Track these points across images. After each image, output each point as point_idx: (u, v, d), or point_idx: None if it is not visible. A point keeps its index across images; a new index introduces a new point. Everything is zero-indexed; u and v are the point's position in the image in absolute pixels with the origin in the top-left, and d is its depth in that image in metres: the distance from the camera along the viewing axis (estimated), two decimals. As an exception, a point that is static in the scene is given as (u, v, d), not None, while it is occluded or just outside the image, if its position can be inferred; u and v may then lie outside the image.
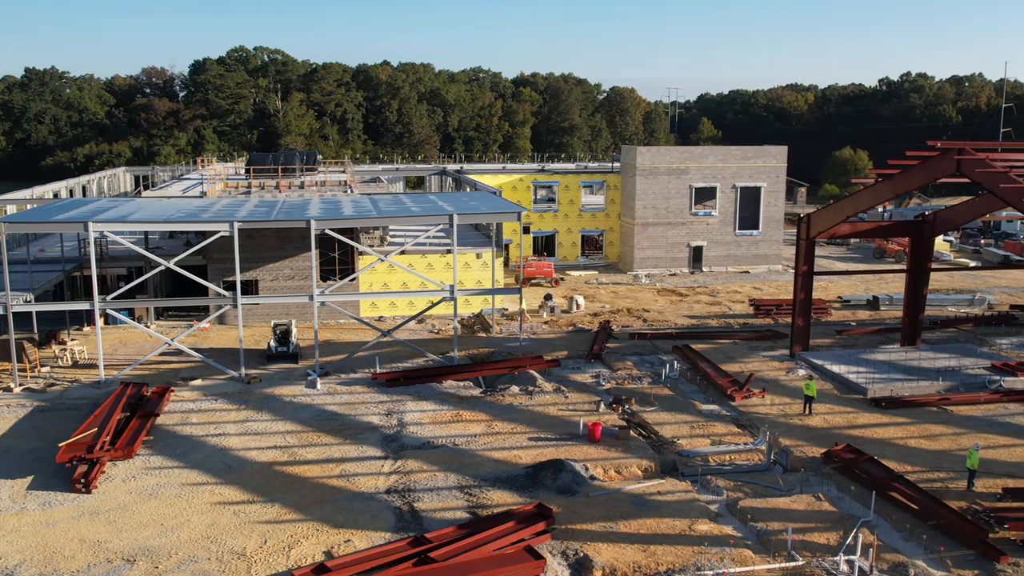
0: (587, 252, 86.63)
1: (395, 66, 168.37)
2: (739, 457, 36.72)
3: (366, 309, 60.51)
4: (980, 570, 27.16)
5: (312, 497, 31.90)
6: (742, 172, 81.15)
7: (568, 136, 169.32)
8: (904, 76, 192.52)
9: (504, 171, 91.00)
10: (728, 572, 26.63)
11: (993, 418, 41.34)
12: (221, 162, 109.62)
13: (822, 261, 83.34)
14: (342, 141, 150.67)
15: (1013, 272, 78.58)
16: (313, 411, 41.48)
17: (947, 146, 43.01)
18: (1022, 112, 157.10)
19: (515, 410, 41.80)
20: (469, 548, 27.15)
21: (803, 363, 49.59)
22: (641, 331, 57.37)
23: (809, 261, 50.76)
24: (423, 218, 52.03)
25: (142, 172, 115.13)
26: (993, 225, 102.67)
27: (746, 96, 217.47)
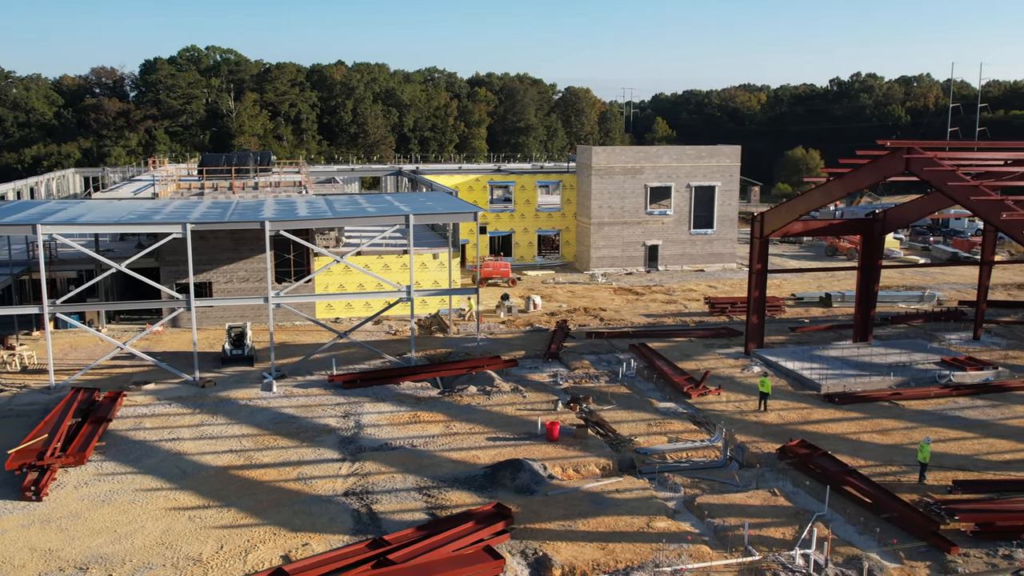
0: (544, 252, 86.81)
1: (350, 66, 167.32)
2: (696, 454, 37.03)
3: (322, 311, 60.09)
4: (932, 561, 27.65)
5: (269, 501, 31.61)
6: (696, 171, 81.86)
7: (524, 136, 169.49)
8: (854, 76, 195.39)
9: (460, 171, 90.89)
10: (686, 568, 26.83)
11: (943, 412, 42.11)
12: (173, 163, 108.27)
13: (776, 259, 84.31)
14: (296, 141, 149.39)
15: (961, 269, 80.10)
16: (269, 414, 41.10)
17: (896, 145, 43.70)
18: (969, 112, 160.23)
19: (473, 410, 41.76)
20: (428, 549, 27.06)
21: (758, 360, 50.13)
22: (598, 330, 57.63)
23: (763, 259, 51.32)
24: (379, 219, 51.76)
25: (92, 173, 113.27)
26: (942, 223, 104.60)
27: (700, 96, 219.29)
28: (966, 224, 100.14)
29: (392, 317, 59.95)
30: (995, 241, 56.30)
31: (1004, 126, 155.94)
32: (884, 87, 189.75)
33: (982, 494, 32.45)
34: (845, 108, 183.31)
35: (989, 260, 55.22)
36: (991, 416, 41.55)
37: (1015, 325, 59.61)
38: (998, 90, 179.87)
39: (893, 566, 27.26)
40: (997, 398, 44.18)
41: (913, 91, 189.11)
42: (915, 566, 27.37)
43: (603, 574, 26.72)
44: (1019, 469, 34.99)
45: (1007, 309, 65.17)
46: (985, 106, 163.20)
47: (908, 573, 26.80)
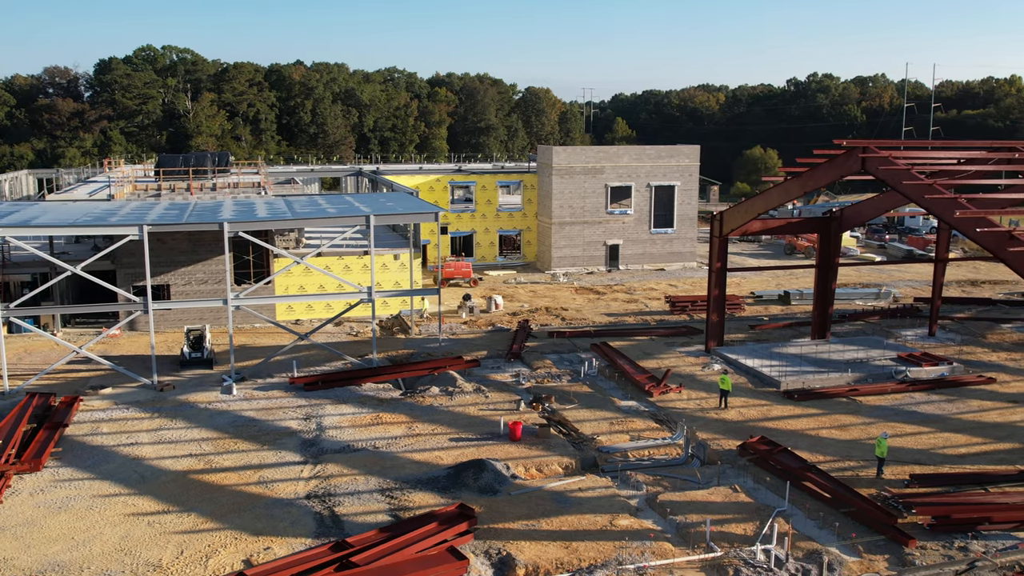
0: (505, 252, 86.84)
1: (308, 66, 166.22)
2: (658, 452, 37.23)
3: (282, 312, 59.63)
4: (890, 554, 28.04)
5: (230, 505, 31.30)
6: (656, 171, 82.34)
7: (484, 136, 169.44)
8: (811, 77, 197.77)
9: (421, 171, 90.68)
10: (649, 565, 26.97)
11: (900, 407, 42.74)
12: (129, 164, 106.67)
13: (735, 258, 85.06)
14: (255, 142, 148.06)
15: (916, 266, 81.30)
16: (229, 417, 40.69)
17: (852, 145, 44.24)
18: (923, 111, 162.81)
19: (436, 411, 41.67)
20: (391, 551, 26.95)
21: (718, 358, 50.53)
22: (560, 329, 57.77)
23: (722, 258, 51.73)
24: (339, 219, 51.45)
25: (46, 175, 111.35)
26: (897, 221, 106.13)
27: (659, 96, 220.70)
28: (921, 222, 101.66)
29: (353, 318, 59.64)
30: (949, 239, 57.29)
31: (957, 126, 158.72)
32: (840, 87, 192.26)
33: (938, 487, 32.99)
34: (802, 108, 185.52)
35: (943, 257, 56.15)
36: (946, 411, 42.24)
37: (969, 321, 60.65)
38: (951, 90, 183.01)
39: (852, 559, 27.61)
40: (952, 393, 44.93)
41: (868, 91, 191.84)
42: (874, 559, 27.75)
43: (567, 573, 26.78)
44: (974, 462, 35.62)
45: (961, 305, 66.29)
46: (938, 106, 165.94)
47: (867, 566, 27.16)
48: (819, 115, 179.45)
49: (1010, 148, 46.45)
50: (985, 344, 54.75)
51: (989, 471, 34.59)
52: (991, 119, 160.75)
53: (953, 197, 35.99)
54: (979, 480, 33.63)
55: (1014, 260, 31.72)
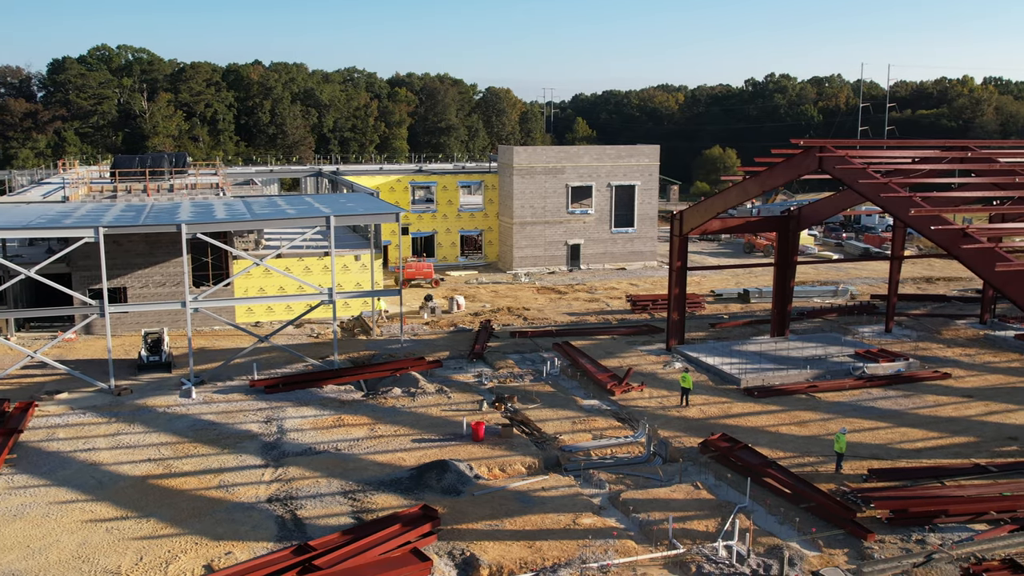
0: (467, 252, 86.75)
1: (267, 66, 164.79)
2: (620, 450, 37.41)
3: (242, 315, 59.06)
4: (849, 548, 28.40)
5: (190, 510, 30.94)
6: (617, 171, 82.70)
7: (445, 136, 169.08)
8: (768, 77, 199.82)
9: (381, 172, 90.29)
10: (612, 563, 27.07)
11: (858, 403, 43.31)
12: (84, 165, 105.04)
13: (695, 256, 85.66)
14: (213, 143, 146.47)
15: (873, 264, 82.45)
16: (189, 421, 40.23)
17: (809, 144, 44.72)
18: (878, 111, 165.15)
19: (398, 412, 41.52)
20: (354, 554, 26.81)
21: (679, 356, 50.86)
22: (522, 329, 57.83)
23: (683, 257, 52.08)
24: (299, 220, 51.07)
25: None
26: (854, 219, 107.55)
27: (619, 96, 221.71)
28: (877, 220, 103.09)
29: (314, 320, 59.24)
30: (904, 237, 58.14)
31: (912, 125, 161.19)
32: (797, 87, 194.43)
33: (896, 482, 33.47)
34: (760, 108, 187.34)
35: (899, 255, 56.98)
36: (903, 406, 42.88)
37: (924, 317, 61.62)
38: (905, 90, 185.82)
39: (813, 554, 27.92)
40: (908, 388, 45.62)
41: (825, 91, 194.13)
42: (834, 553, 28.08)
43: (531, 572, 26.81)
44: (930, 456, 36.19)
45: (917, 302, 67.33)
46: (893, 106, 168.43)
47: (827, 560, 27.47)
48: (777, 115, 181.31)
49: (963, 147, 47.24)
50: (940, 340, 55.65)
51: (945, 465, 35.17)
52: (944, 119, 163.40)
53: (908, 196, 36.50)
54: (935, 474, 34.19)
55: (967, 257, 32.24)
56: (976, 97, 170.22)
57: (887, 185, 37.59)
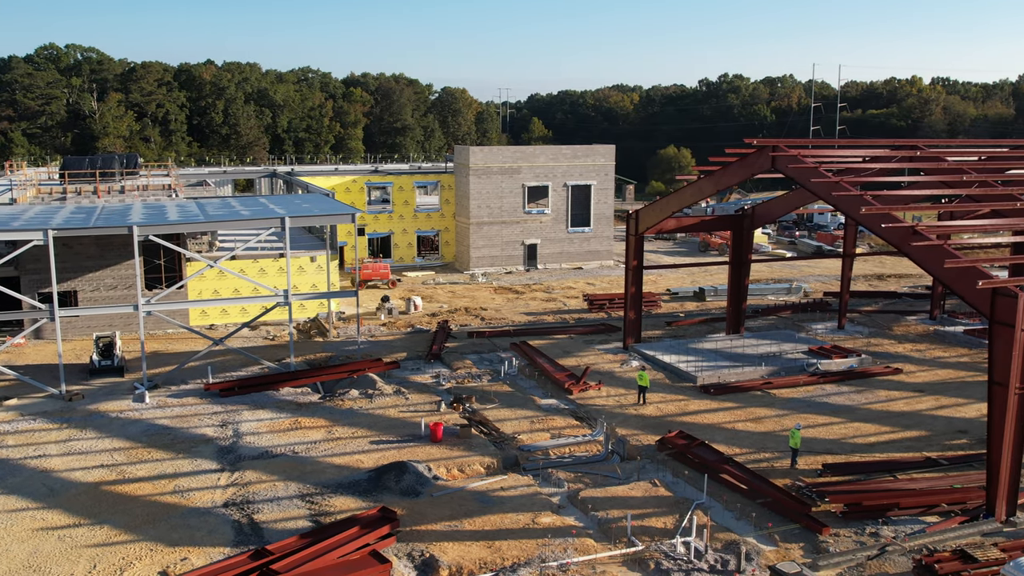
0: (423, 252, 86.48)
1: (219, 65, 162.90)
2: (578, 449, 37.52)
3: (196, 317, 58.32)
4: (805, 542, 28.78)
5: (144, 516, 30.50)
6: (573, 171, 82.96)
7: (401, 136, 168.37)
8: (722, 77, 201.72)
9: (337, 172, 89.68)
10: (571, 562, 27.16)
11: (812, 399, 43.88)
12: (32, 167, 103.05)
13: (651, 256, 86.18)
14: (165, 143, 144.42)
15: (826, 261, 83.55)
16: (142, 426, 39.66)
17: (762, 144, 45.20)
18: (830, 111, 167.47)
19: (355, 414, 41.29)
20: (313, 557, 26.61)
21: (636, 354, 51.16)
22: (479, 329, 57.79)
23: (639, 256, 52.39)
24: (253, 222, 50.56)
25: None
26: (807, 217, 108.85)
27: (574, 96, 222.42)
28: (829, 219, 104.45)
29: (270, 322, 58.69)
30: (856, 234, 59.02)
31: (862, 124, 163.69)
32: (750, 87, 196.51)
33: (849, 476, 33.97)
34: (714, 108, 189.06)
35: (851, 253, 57.82)
36: (856, 401, 43.53)
37: (876, 314, 62.60)
38: (856, 90, 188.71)
39: (769, 549, 28.24)
40: (861, 384, 46.32)
41: (777, 91, 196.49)
42: (790, 548, 28.43)
43: (490, 572, 26.81)
44: (883, 450, 36.79)
45: (868, 299, 68.38)
46: (844, 106, 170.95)
47: (783, 555, 27.80)
48: (730, 115, 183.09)
49: (912, 146, 48.04)
50: (891, 336, 56.58)
51: (897, 459, 35.79)
52: (894, 118, 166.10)
53: (859, 194, 37.02)
54: (888, 468, 34.77)
55: (917, 254, 32.78)
56: (924, 97, 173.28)
57: (839, 184, 38.11)
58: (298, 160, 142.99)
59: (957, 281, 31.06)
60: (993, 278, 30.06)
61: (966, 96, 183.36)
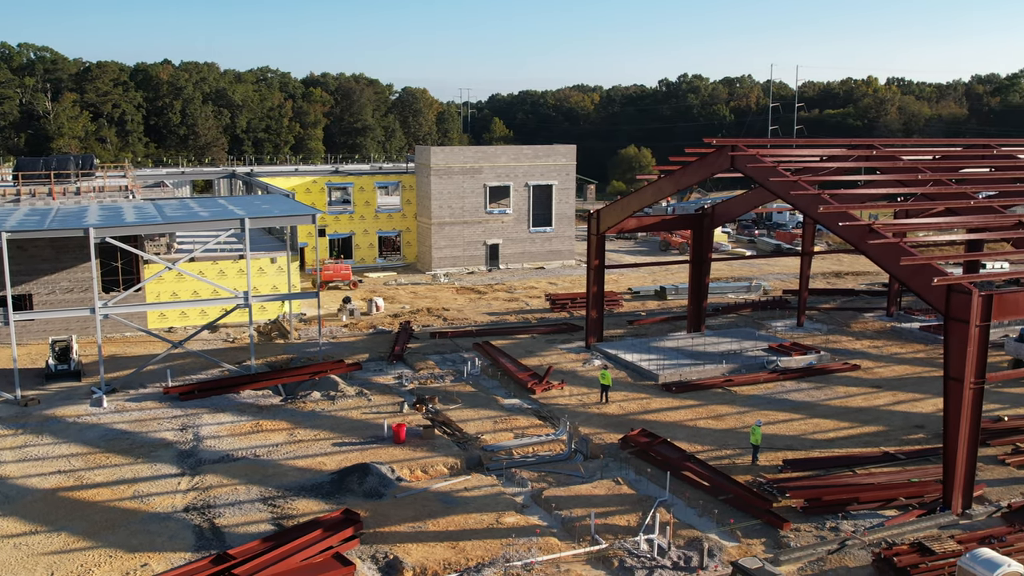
0: (385, 253, 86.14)
1: (176, 65, 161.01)
2: (541, 448, 37.59)
3: (155, 320, 57.63)
4: (766, 537, 29.08)
5: (103, 522, 30.09)
6: (534, 171, 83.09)
7: (361, 137, 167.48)
8: (681, 77, 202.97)
9: (297, 173, 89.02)
10: (536, 561, 27.21)
11: (772, 396, 44.33)
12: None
13: (612, 255, 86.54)
14: (121, 144, 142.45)
15: (784, 259, 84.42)
16: (100, 431, 39.11)
17: (722, 143, 45.57)
18: (788, 111, 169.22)
19: (318, 416, 41.04)
20: (275, 561, 26.42)
21: (598, 353, 51.35)
22: (442, 330, 57.69)
23: (600, 255, 52.60)
24: (213, 223, 50.06)
25: None
26: (766, 216, 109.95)
27: (535, 96, 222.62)
28: (788, 217, 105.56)
29: (230, 324, 58.14)
30: (814, 233, 59.72)
31: (819, 124, 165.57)
32: (709, 88, 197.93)
33: (809, 471, 34.37)
34: (673, 108, 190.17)
35: (809, 251, 58.51)
36: (815, 397, 44.05)
37: (834, 311, 63.37)
38: (813, 91, 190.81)
39: (731, 545, 28.50)
40: (820, 380, 46.88)
41: (736, 91, 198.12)
42: (751, 543, 28.71)
43: (455, 573, 26.78)
44: (842, 446, 37.26)
45: (826, 296, 69.21)
46: (802, 106, 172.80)
47: (745, 550, 28.06)
48: (690, 115, 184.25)
49: (868, 146, 48.70)
50: (849, 333, 57.32)
51: (856, 454, 36.26)
52: (850, 118, 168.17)
53: (817, 193, 37.45)
54: (847, 463, 35.22)
55: (874, 252, 33.23)
56: (880, 97, 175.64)
57: (797, 183, 38.52)
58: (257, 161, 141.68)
59: (913, 278, 31.53)
60: (948, 275, 30.56)
61: (920, 96, 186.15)
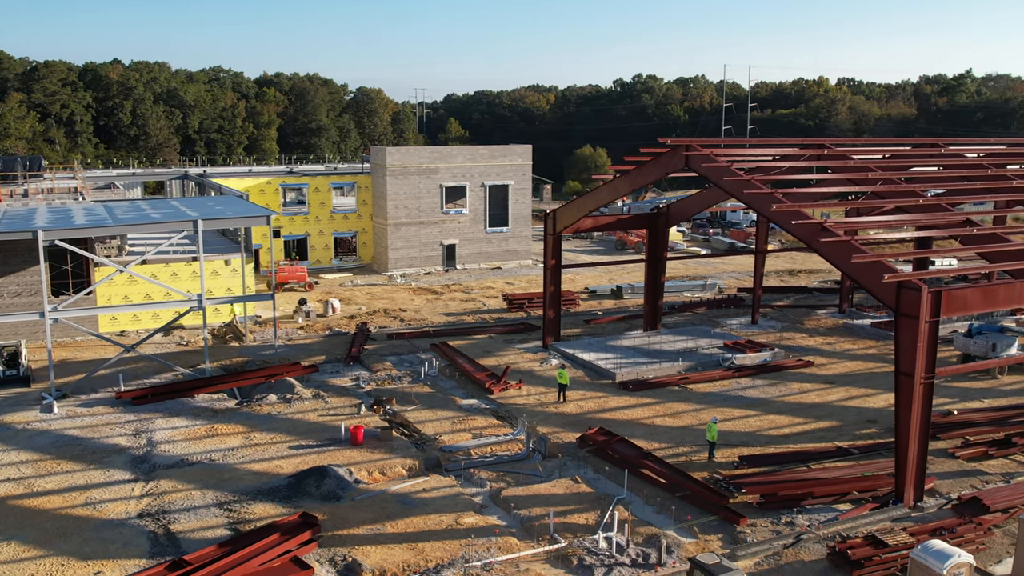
0: (341, 254, 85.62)
1: (127, 65, 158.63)
2: (500, 448, 37.61)
3: (106, 324, 56.72)
4: (723, 533, 29.36)
5: (55, 530, 29.56)
6: (490, 171, 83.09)
7: (316, 137, 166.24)
8: (636, 78, 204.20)
9: (251, 174, 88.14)
10: (495, 561, 27.22)
11: (728, 393, 44.77)
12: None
13: (569, 254, 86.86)
14: (71, 145, 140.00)
15: (739, 258, 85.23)
16: (51, 437, 38.41)
17: (676, 143, 45.92)
18: (741, 111, 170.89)
19: (274, 419, 40.68)
20: (232, 566, 26.15)
21: (555, 353, 51.49)
22: (399, 331, 57.47)
23: (556, 255, 52.76)
24: (165, 225, 49.40)
25: None
26: (720, 215, 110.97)
27: (491, 96, 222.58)
28: (742, 216, 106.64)
29: (185, 327, 57.39)
30: (768, 231, 60.41)
31: (772, 124, 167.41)
32: (664, 88, 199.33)
33: (765, 467, 34.75)
34: (628, 108, 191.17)
35: (763, 249, 59.18)
36: (770, 394, 44.56)
37: (788, 309, 64.15)
38: (765, 91, 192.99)
39: (689, 541, 28.73)
40: (775, 377, 47.43)
41: (690, 92, 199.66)
42: (709, 539, 28.96)
43: (414, 574, 26.70)
44: (797, 441, 37.73)
45: (780, 294, 70.04)
46: (755, 106, 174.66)
47: (702, 546, 28.30)
48: (645, 115, 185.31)
49: (819, 145, 49.35)
50: (803, 329, 58.06)
51: (810, 449, 36.74)
52: (802, 118, 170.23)
53: (770, 192, 37.88)
54: (801, 458, 35.67)
55: (826, 250, 33.71)
56: (831, 97, 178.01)
57: (750, 182, 38.92)
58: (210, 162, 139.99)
59: (864, 275, 32.03)
60: (898, 272, 31.09)
61: (870, 96, 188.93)
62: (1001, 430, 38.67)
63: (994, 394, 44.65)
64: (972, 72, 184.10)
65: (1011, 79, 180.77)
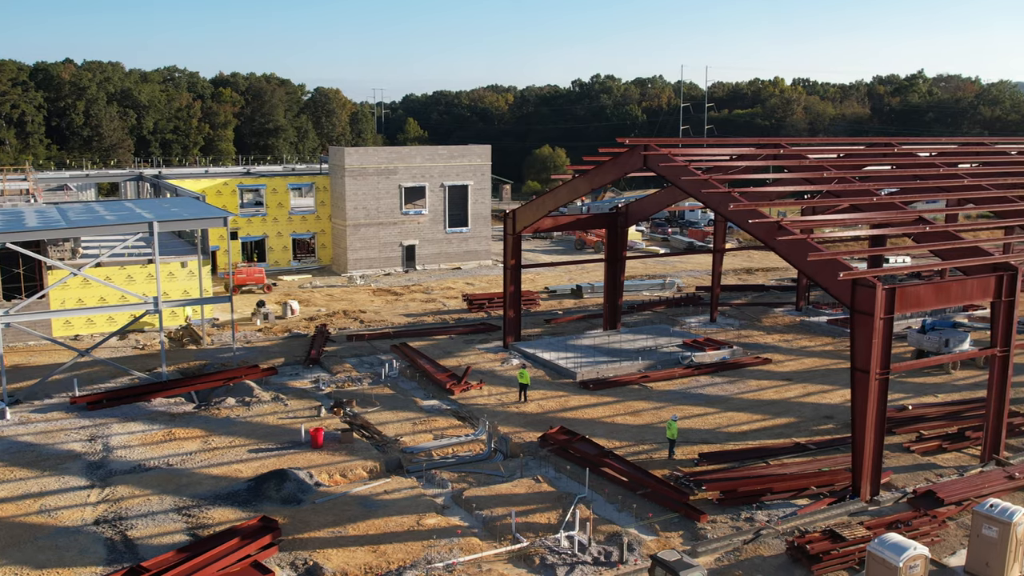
0: (299, 256, 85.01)
1: (79, 64, 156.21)
2: (461, 449, 37.58)
3: (60, 328, 55.79)
4: (684, 530, 29.60)
5: (7, 538, 29.02)
6: (449, 171, 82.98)
7: (273, 138, 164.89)
8: (594, 78, 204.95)
9: (207, 175, 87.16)
10: (458, 562, 27.19)
11: (687, 391, 45.11)
12: None
13: (528, 254, 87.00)
14: (21, 146, 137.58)
15: (697, 257, 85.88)
16: (3, 444, 37.68)
17: (634, 143, 46.15)
18: (698, 111, 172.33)
19: (233, 423, 40.28)
20: (191, 572, 25.86)
21: (516, 353, 51.55)
22: (359, 332, 57.18)
23: (516, 255, 52.82)
24: (119, 227, 48.68)
25: None
26: (678, 214, 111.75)
27: (450, 97, 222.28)
28: (700, 215, 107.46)
29: (143, 330, 56.62)
30: (725, 230, 60.94)
31: (729, 124, 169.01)
32: (622, 88, 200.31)
33: (725, 464, 35.08)
34: (587, 108, 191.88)
35: (720, 248, 59.69)
36: (729, 391, 44.98)
37: (746, 307, 64.78)
38: (722, 91, 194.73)
39: (650, 538, 28.91)
40: (733, 374, 47.88)
41: (648, 92, 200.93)
42: (670, 536, 29.17)
43: (376, 577, 26.59)
44: (755, 438, 38.13)
45: (738, 292, 70.71)
46: (712, 106, 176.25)
47: (664, 543, 28.49)
48: (603, 115, 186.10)
49: (775, 145, 49.90)
50: (760, 327, 58.67)
51: (769, 445, 37.16)
52: (759, 118, 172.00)
53: (727, 191, 38.22)
54: (760, 454, 36.06)
55: (782, 248, 34.09)
56: (787, 97, 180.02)
57: (707, 181, 39.25)
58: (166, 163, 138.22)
59: (820, 273, 32.44)
60: (853, 270, 31.51)
61: (825, 96, 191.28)
62: (954, 424, 39.42)
63: (947, 389, 45.47)
64: (924, 73, 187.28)
65: (961, 79, 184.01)
